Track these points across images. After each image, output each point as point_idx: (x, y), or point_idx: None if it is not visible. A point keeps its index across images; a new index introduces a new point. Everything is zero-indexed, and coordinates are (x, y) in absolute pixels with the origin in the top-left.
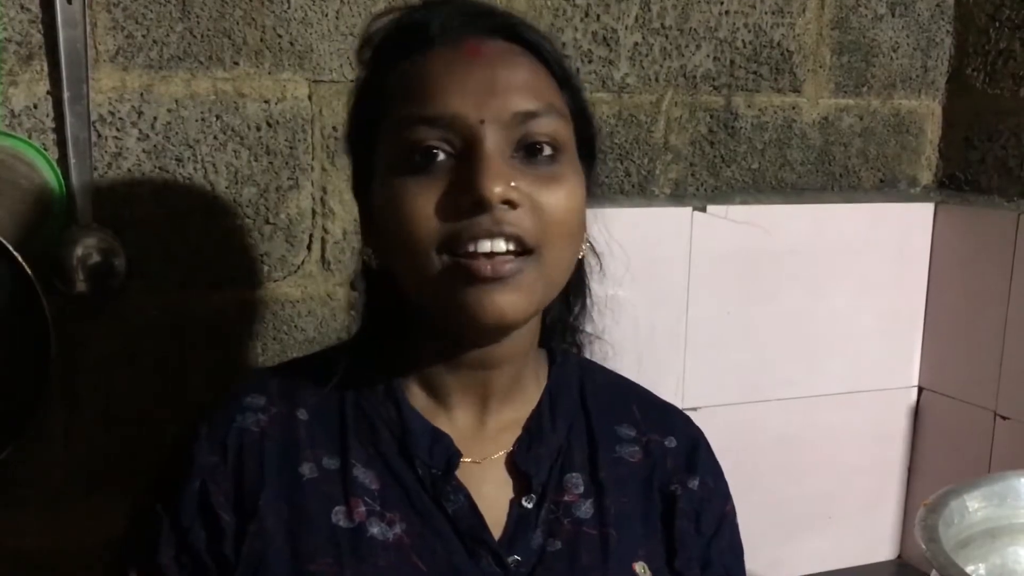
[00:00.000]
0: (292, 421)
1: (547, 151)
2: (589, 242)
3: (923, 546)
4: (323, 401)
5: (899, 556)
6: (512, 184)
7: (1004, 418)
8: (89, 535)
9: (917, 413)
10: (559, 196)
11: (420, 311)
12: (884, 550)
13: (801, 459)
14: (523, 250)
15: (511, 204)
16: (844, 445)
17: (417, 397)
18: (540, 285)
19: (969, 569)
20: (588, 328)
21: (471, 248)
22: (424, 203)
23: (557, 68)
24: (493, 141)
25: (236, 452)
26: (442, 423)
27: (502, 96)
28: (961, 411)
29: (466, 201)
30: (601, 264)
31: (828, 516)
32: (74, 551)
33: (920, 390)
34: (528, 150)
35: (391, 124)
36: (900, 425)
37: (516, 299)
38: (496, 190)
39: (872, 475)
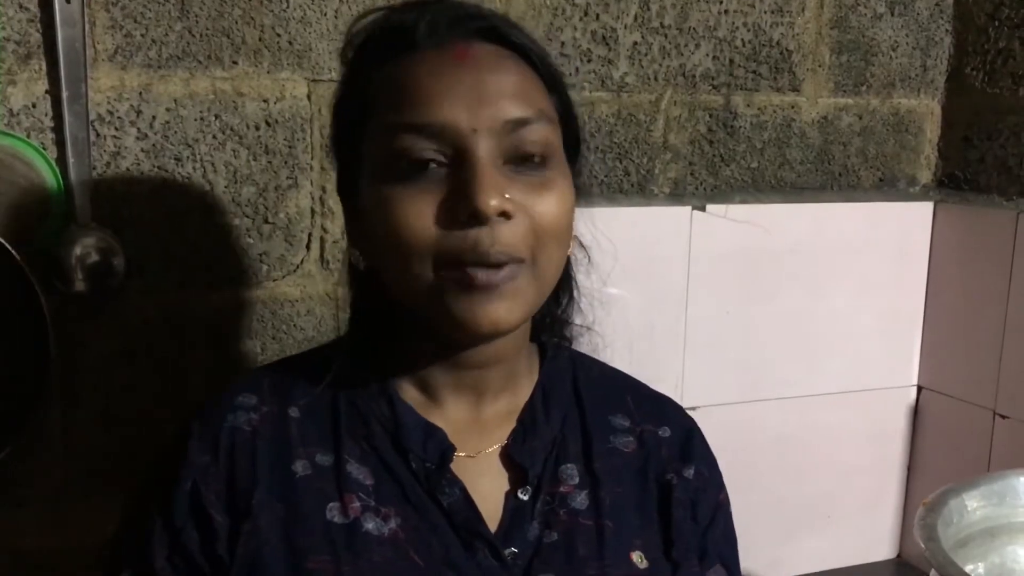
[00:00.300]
0: (284, 419)
1: (537, 158)
2: (576, 237)
3: (922, 545)
4: (315, 399)
5: (898, 555)
6: (507, 196)
7: (1003, 417)
8: (89, 535)
9: (916, 412)
10: (550, 202)
11: (410, 313)
12: (883, 549)
13: (800, 458)
14: (517, 260)
15: (506, 215)
16: (843, 444)
17: (410, 393)
18: (533, 289)
19: (968, 568)
20: (577, 320)
21: (467, 266)
22: (417, 213)
23: (544, 71)
24: (485, 150)
25: (228, 452)
26: (435, 418)
27: (493, 103)
28: (960, 410)
29: (462, 213)
30: (589, 257)
31: (827, 515)
32: (74, 551)
33: (919, 389)
34: (521, 157)
35: (378, 129)
36: (899, 424)
37: (510, 306)
38: (492, 203)
39: (871, 474)
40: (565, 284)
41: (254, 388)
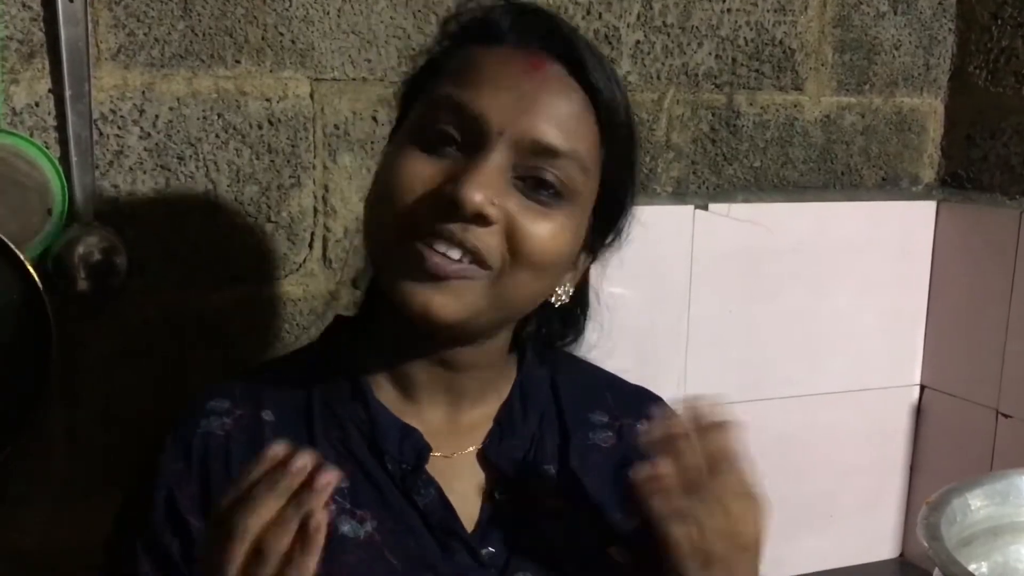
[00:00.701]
0: (257, 423)
1: (553, 190)
2: (585, 299)
3: (925, 544)
4: (290, 402)
5: (901, 555)
6: (494, 202)
7: (1006, 416)
8: (89, 535)
9: (919, 411)
10: (540, 230)
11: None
12: (885, 549)
13: (803, 457)
14: (480, 263)
15: (484, 220)
16: (846, 443)
17: (387, 393)
18: (486, 301)
19: (971, 567)
20: (573, 350)
21: (429, 243)
22: (411, 178)
23: (607, 118)
24: (500, 155)
25: (201, 457)
26: (412, 419)
27: (532, 119)
28: (963, 409)
29: (445, 196)
30: (585, 317)
31: (829, 515)
32: (74, 551)
33: (922, 388)
34: (535, 182)
35: (430, 95)
36: (902, 423)
37: (447, 303)
38: (476, 198)
39: (873, 473)
40: (555, 327)
41: (227, 393)
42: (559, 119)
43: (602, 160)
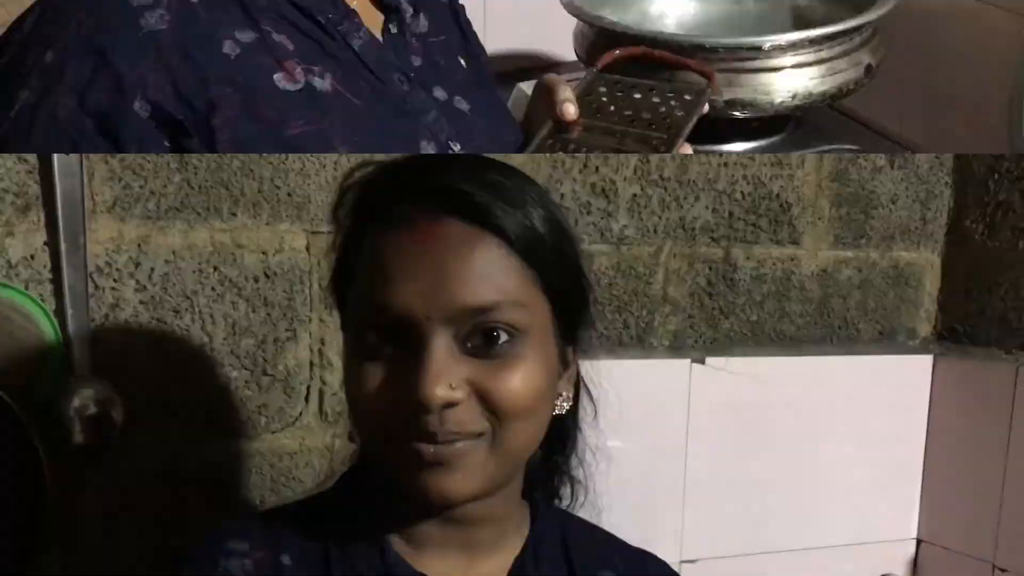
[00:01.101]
0: (277, 566)
1: (504, 337)
2: (579, 394)
3: None
4: (307, 547)
5: None
6: (453, 386)
7: (1002, 570)
8: None
9: (916, 565)
10: (512, 383)
11: None
12: None
13: None
14: (471, 435)
15: (452, 404)
16: None
17: (400, 545)
18: (492, 463)
19: None
20: (577, 475)
21: (418, 439)
22: (369, 390)
23: (525, 249)
24: (440, 338)
25: None
26: (426, 571)
27: (450, 290)
28: (960, 563)
29: (407, 404)
30: (596, 412)
31: None
32: None
33: (919, 542)
34: (484, 336)
35: (352, 300)
36: None
37: (462, 481)
38: (438, 393)
39: None
40: (559, 442)
41: (244, 534)
42: (473, 276)
43: (539, 281)
